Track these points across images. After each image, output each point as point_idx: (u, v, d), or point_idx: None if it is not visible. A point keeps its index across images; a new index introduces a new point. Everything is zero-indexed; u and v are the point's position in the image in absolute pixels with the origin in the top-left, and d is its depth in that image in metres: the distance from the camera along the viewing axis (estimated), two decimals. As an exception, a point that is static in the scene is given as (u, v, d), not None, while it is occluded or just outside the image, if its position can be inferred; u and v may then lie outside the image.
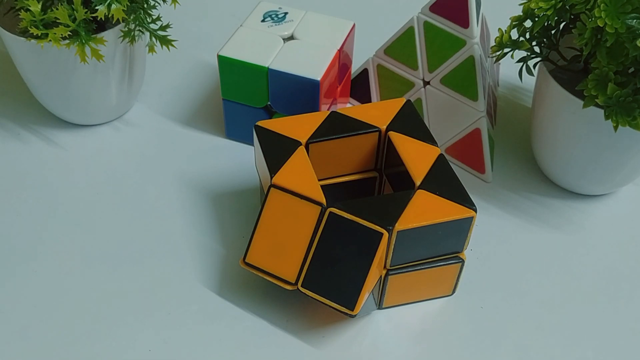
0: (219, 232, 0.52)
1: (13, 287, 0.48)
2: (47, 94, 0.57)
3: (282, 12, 0.58)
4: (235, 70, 0.54)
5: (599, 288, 0.50)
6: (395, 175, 0.49)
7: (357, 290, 0.42)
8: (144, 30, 0.54)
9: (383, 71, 0.60)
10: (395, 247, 0.43)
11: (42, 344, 0.45)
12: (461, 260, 0.46)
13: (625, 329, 0.48)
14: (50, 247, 0.51)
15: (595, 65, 0.46)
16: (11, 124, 0.61)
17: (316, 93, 0.53)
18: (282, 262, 0.44)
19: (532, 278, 0.50)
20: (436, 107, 0.58)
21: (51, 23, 0.50)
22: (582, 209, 0.55)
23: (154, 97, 0.64)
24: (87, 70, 0.54)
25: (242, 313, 0.47)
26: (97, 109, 0.59)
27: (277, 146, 0.47)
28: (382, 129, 0.49)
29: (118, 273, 0.49)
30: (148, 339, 0.46)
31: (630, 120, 0.45)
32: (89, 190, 0.55)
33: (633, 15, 0.43)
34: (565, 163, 0.54)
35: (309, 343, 0.46)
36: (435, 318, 0.48)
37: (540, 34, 0.51)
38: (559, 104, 0.51)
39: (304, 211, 0.44)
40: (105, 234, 0.52)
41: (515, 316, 0.48)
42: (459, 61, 0.55)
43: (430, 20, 0.55)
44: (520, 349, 0.46)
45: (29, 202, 0.54)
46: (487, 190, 0.56)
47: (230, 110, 0.57)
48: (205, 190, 0.55)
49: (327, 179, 0.50)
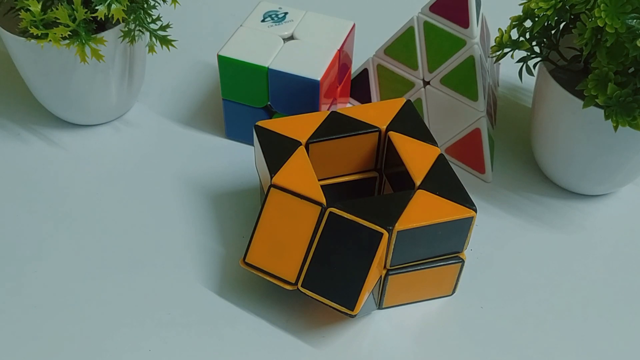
0: (219, 232, 0.52)
1: (13, 287, 0.48)
2: (47, 94, 0.57)
3: (282, 12, 0.58)
4: (235, 70, 0.54)
5: (599, 288, 0.50)
6: (395, 175, 0.49)
7: (357, 290, 0.42)
8: (144, 30, 0.54)
9: (383, 71, 0.60)
10: (395, 247, 0.43)
11: (42, 344, 0.45)
12: (461, 260, 0.46)
13: (625, 329, 0.48)
14: (50, 247, 0.51)
15: (595, 65, 0.46)
16: (11, 124, 0.61)
17: (316, 93, 0.53)
18: (282, 262, 0.44)
19: (532, 278, 0.50)
20: (436, 107, 0.58)
21: (51, 23, 0.50)
22: (582, 209, 0.55)
23: (154, 97, 0.64)
24: (87, 70, 0.54)
25: (242, 313, 0.47)
26: (97, 109, 0.59)
27: (277, 146, 0.47)
28: (382, 129, 0.49)
29: (118, 273, 0.49)
30: (148, 339, 0.46)
31: (630, 120, 0.45)
32: (89, 190, 0.55)
33: (633, 15, 0.43)
34: (565, 163, 0.54)
35: (309, 343, 0.46)
36: (435, 318, 0.48)
37: (540, 34, 0.51)
38: (559, 104, 0.51)
39: (304, 211, 0.44)
40: (105, 234, 0.52)
41: (515, 316, 0.48)
42: (459, 61, 0.55)
43: (430, 20, 0.55)
44: (520, 349, 0.46)
45: (29, 202, 0.54)
46: (487, 190, 0.56)
47: (230, 110, 0.57)
48: (205, 190, 0.55)
49: (327, 179, 0.50)
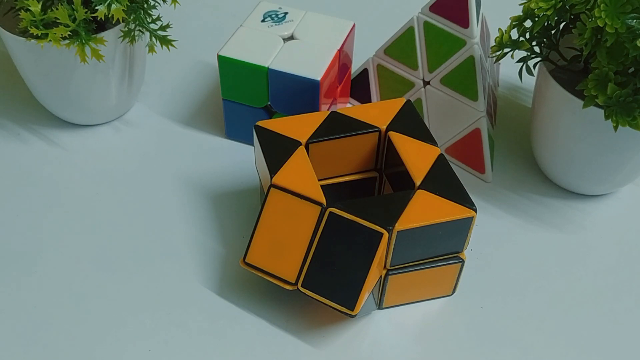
0: (219, 232, 0.52)
1: (13, 287, 0.48)
2: (47, 94, 0.57)
3: (282, 12, 0.58)
4: (235, 70, 0.54)
5: (599, 288, 0.50)
6: (395, 175, 0.49)
7: (357, 290, 0.42)
8: (144, 30, 0.54)
9: (383, 71, 0.60)
10: (395, 247, 0.43)
11: (42, 344, 0.45)
12: (461, 260, 0.46)
13: (625, 329, 0.48)
14: (50, 247, 0.51)
15: (595, 65, 0.46)
16: (11, 124, 0.61)
17: (316, 93, 0.53)
18: (282, 262, 0.44)
19: (532, 278, 0.50)
20: (436, 107, 0.58)
21: (51, 23, 0.50)
22: (582, 209, 0.55)
23: (154, 97, 0.64)
24: (87, 70, 0.54)
25: (242, 313, 0.47)
26: (97, 109, 0.59)
27: (277, 146, 0.47)
28: (382, 129, 0.49)
29: (118, 273, 0.49)
30: (148, 339, 0.46)
31: (630, 120, 0.45)
32: (89, 190, 0.55)
33: (633, 15, 0.43)
34: (565, 163, 0.54)
35: (309, 343, 0.46)
36: (435, 318, 0.48)
37: (540, 34, 0.51)
38: (559, 104, 0.51)
39: (304, 211, 0.44)
40: (105, 234, 0.52)
41: (515, 316, 0.48)
42: (459, 61, 0.55)
43: (430, 20, 0.55)
44: (520, 349, 0.46)
45: (29, 202, 0.54)
46: (487, 190, 0.56)
47: (230, 110, 0.57)
48: (205, 190, 0.55)
49: (327, 179, 0.50)
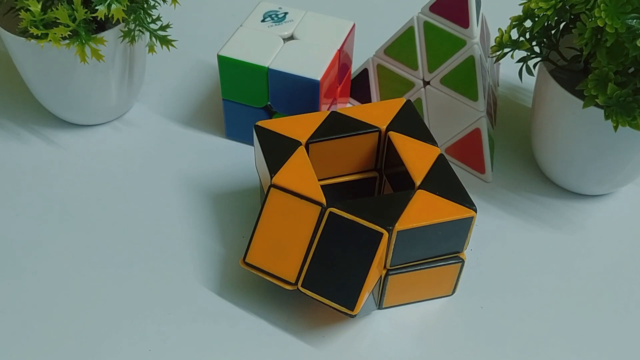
0: (219, 232, 0.52)
1: (13, 287, 0.48)
2: (47, 94, 0.57)
3: (282, 12, 0.58)
4: (235, 70, 0.54)
5: (599, 288, 0.50)
6: (395, 175, 0.49)
7: (357, 290, 0.42)
8: (144, 30, 0.54)
9: (383, 71, 0.60)
10: (395, 247, 0.43)
11: (42, 344, 0.45)
12: (461, 260, 0.46)
13: (625, 328, 0.48)
14: (50, 247, 0.51)
15: (595, 65, 0.46)
16: (11, 124, 0.61)
17: (316, 93, 0.53)
18: (282, 262, 0.44)
19: (532, 278, 0.50)
20: (436, 107, 0.58)
21: (51, 23, 0.50)
22: (582, 209, 0.55)
23: (154, 97, 0.64)
24: (87, 70, 0.54)
25: (242, 313, 0.47)
26: (97, 109, 0.59)
27: (277, 146, 0.47)
28: (382, 129, 0.49)
29: (118, 273, 0.49)
30: (148, 339, 0.46)
31: (630, 120, 0.45)
32: (89, 190, 0.55)
33: (633, 15, 0.43)
34: (565, 163, 0.54)
35: (309, 343, 0.46)
36: (435, 318, 0.48)
37: (540, 34, 0.51)
38: (559, 104, 0.51)
39: (304, 211, 0.44)
40: (105, 234, 0.52)
41: (515, 316, 0.48)
42: (459, 61, 0.55)
43: (430, 20, 0.55)
44: (520, 349, 0.46)
45: (29, 202, 0.54)
46: (487, 190, 0.56)
47: (230, 110, 0.57)
48: (205, 190, 0.55)
49: (327, 179, 0.50)
